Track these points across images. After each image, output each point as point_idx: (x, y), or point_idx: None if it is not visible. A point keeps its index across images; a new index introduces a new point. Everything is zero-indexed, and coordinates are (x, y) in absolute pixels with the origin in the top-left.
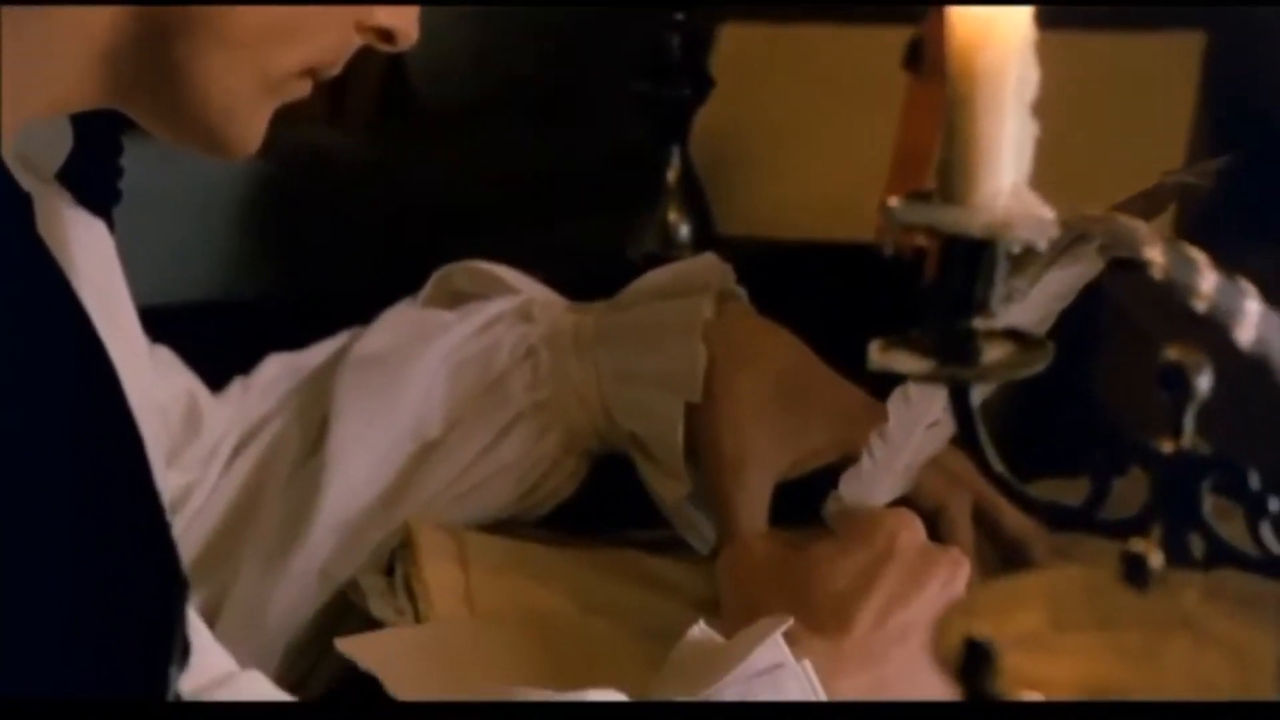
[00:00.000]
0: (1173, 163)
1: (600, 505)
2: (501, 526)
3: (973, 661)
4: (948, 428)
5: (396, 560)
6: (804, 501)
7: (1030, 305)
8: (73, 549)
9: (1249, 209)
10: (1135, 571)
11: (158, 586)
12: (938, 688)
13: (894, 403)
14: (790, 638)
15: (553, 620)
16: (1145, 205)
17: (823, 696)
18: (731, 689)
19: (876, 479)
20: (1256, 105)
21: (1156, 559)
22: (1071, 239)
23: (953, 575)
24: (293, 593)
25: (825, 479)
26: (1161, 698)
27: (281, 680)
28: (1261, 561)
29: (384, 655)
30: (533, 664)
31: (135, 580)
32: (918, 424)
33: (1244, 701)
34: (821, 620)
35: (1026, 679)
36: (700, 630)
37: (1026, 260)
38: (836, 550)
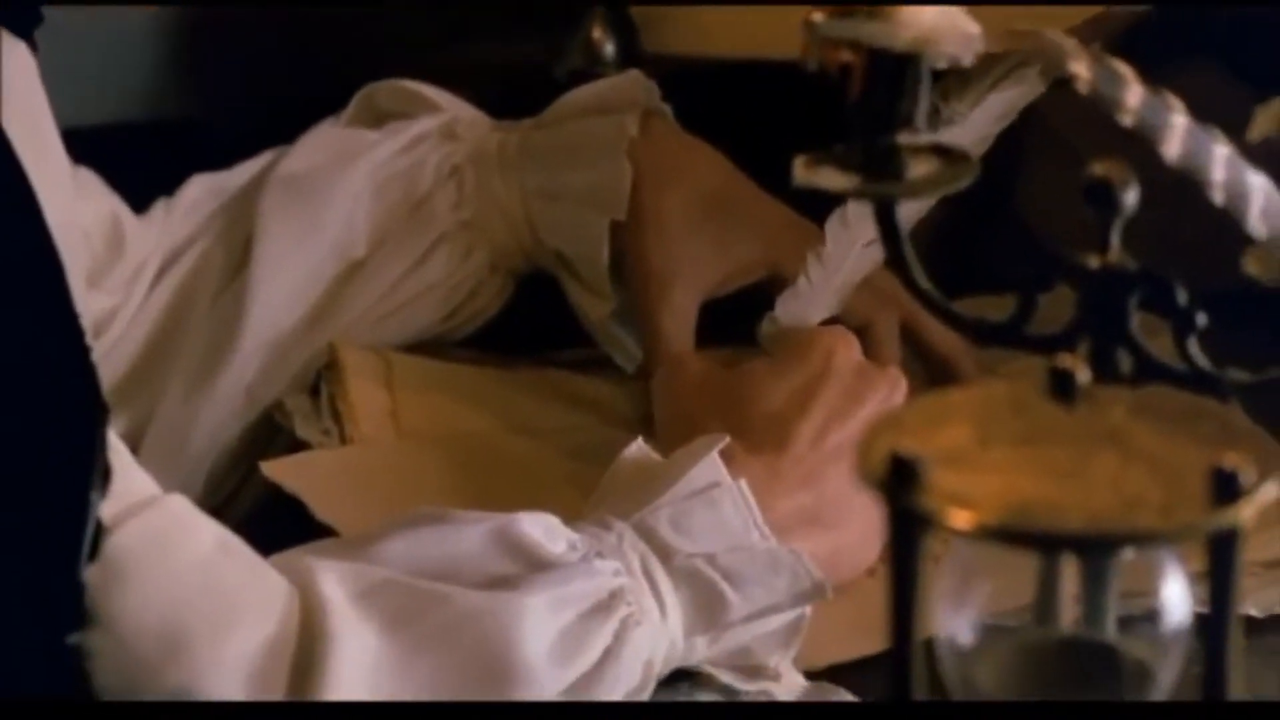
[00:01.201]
0: None
1: (526, 325)
2: (427, 347)
3: (898, 477)
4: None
5: (322, 382)
6: (736, 325)
7: (971, 127)
8: None
9: (1180, 28)
10: (1062, 387)
11: (77, 410)
12: (874, 508)
13: (831, 226)
14: (727, 457)
15: (480, 441)
16: (1090, 31)
17: (758, 517)
18: (667, 509)
19: (813, 299)
20: None
21: (1083, 374)
22: (1014, 63)
23: (890, 393)
24: (217, 414)
25: (757, 303)
26: (1088, 513)
27: (205, 504)
28: (1189, 376)
29: (309, 477)
30: (460, 485)
31: (53, 404)
32: (854, 245)
33: (1244, 702)
34: (758, 439)
35: (952, 495)
36: (638, 448)
37: (967, 83)
38: (773, 369)
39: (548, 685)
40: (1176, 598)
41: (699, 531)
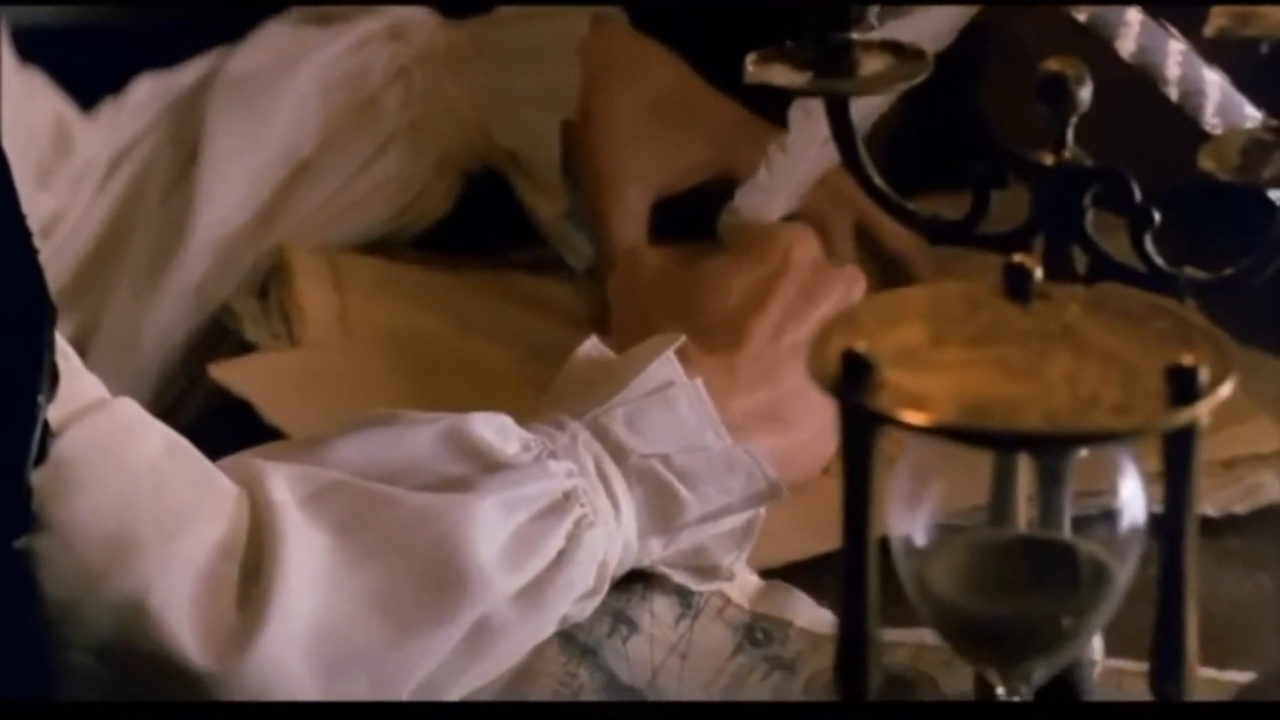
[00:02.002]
0: None
1: (476, 225)
2: (376, 249)
3: (851, 376)
4: None
5: (270, 283)
6: (691, 224)
7: (926, 20)
8: None
9: None
10: (1017, 285)
11: (24, 312)
12: (831, 406)
13: (794, 115)
14: (683, 355)
15: (430, 342)
16: None
17: (714, 416)
18: (622, 408)
19: (773, 192)
20: None
21: (1038, 272)
22: None
23: (848, 291)
24: (166, 315)
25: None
26: (1044, 412)
27: (153, 407)
28: (1145, 275)
29: (257, 379)
30: (411, 386)
31: None
32: (817, 136)
33: (1244, 702)
34: (715, 337)
35: (906, 393)
36: (592, 346)
37: None
38: (731, 265)
39: (500, 588)
40: (1133, 497)
41: (654, 431)
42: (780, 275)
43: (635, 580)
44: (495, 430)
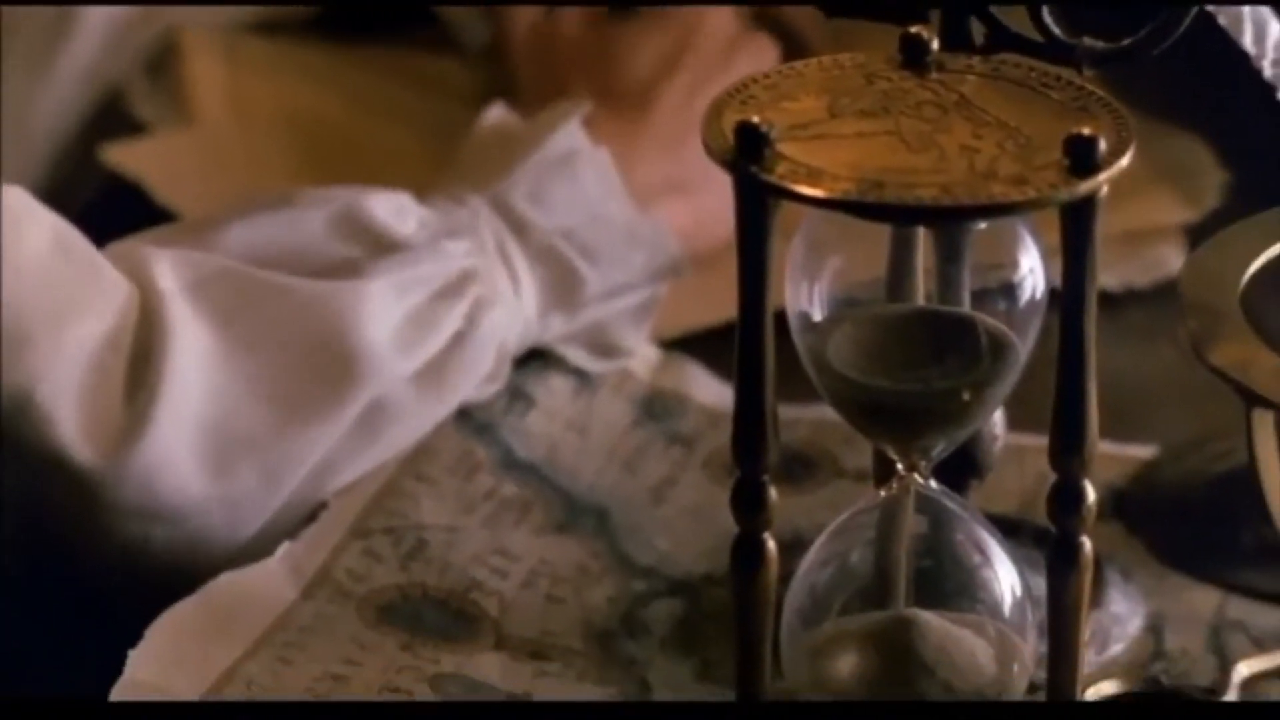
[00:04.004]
0: None
1: (369, 4)
2: (270, 30)
3: (746, 148)
4: None
5: (163, 63)
6: None
7: None
8: None
9: None
10: (913, 56)
11: None
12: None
13: None
14: (590, 122)
15: (326, 121)
16: None
17: (619, 185)
18: (525, 182)
19: None
20: None
21: (934, 44)
22: None
23: (759, 60)
24: (57, 96)
25: None
26: (941, 184)
27: (46, 192)
28: (1043, 46)
29: (151, 161)
30: (307, 165)
31: None
32: None
33: (1244, 702)
34: (624, 103)
35: (802, 166)
36: (499, 113)
37: None
38: (641, 30)
39: (393, 370)
40: (1032, 271)
41: (557, 203)
42: (692, 41)
43: (533, 356)
44: (393, 209)
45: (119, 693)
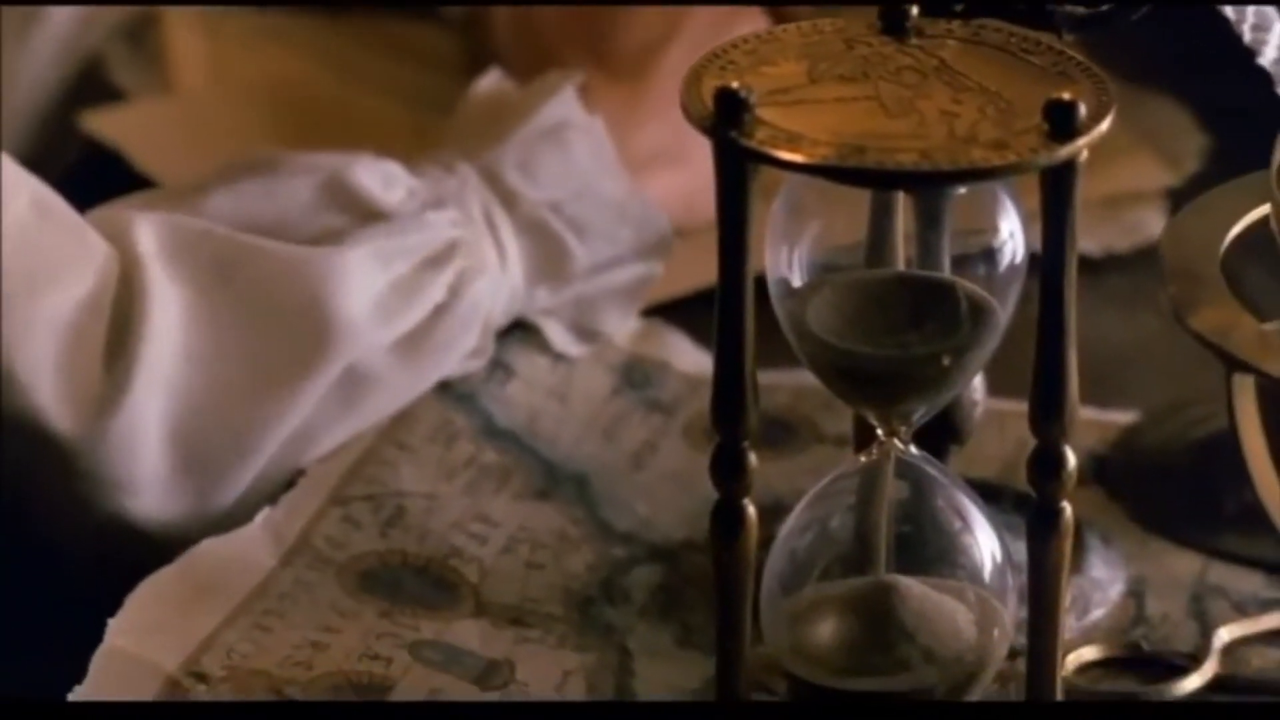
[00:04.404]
0: None
1: None
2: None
3: (725, 113)
4: None
5: (143, 30)
6: None
7: None
8: None
9: None
10: (893, 21)
11: None
12: None
13: None
14: (586, 89)
15: (309, 90)
16: None
17: (612, 157)
18: (515, 151)
19: None
20: None
21: (914, 8)
22: None
23: (757, 28)
24: (36, 63)
25: None
26: (921, 148)
27: (25, 159)
28: (1021, 9)
29: (130, 128)
30: (288, 134)
31: None
32: None
33: (1244, 703)
34: (620, 68)
35: (782, 131)
36: (493, 79)
37: None
38: None
39: (371, 339)
40: (1012, 236)
41: (548, 175)
42: (691, 6)
43: (514, 326)
44: (380, 177)
45: (99, 661)
